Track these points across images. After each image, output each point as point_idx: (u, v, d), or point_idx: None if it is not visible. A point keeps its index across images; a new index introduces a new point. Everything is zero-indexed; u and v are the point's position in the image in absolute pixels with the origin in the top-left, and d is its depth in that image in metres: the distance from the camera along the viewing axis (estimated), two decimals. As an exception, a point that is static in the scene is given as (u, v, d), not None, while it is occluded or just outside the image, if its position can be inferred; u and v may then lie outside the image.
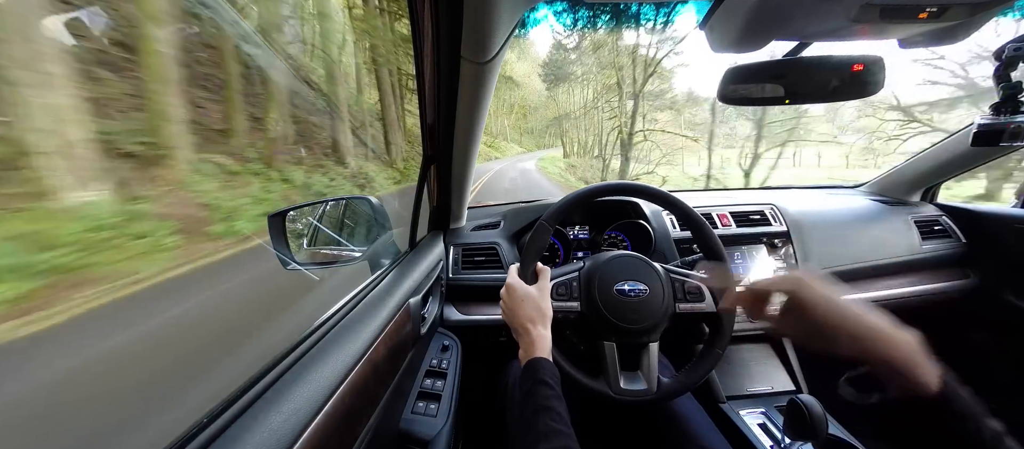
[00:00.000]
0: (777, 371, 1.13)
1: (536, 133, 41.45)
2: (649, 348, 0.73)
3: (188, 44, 6.16)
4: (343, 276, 1.05)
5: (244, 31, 7.23)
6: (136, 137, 4.65)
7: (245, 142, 6.35)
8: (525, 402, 0.56)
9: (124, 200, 4.17)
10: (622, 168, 14.35)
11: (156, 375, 2.38)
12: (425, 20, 0.64)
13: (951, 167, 1.29)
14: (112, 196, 4.08)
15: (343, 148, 9.48)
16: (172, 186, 4.71)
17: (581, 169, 19.15)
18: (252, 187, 5.81)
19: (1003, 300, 1.20)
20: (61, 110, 3.80)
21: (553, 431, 0.51)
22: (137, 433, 1.87)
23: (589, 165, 18.98)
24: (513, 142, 39.35)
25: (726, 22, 0.55)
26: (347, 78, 12.27)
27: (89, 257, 3.51)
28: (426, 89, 0.77)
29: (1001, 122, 0.83)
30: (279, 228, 0.89)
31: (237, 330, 2.84)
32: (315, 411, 0.42)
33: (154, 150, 4.77)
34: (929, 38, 0.58)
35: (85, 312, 3.11)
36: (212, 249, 4.45)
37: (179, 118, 5.00)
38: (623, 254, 0.79)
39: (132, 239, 3.90)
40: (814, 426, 0.61)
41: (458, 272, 1.13)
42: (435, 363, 0.91)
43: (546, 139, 40.69)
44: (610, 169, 15.51)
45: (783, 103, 0.67)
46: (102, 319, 3.08)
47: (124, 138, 4.53)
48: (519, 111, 38.83)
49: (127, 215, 4.03)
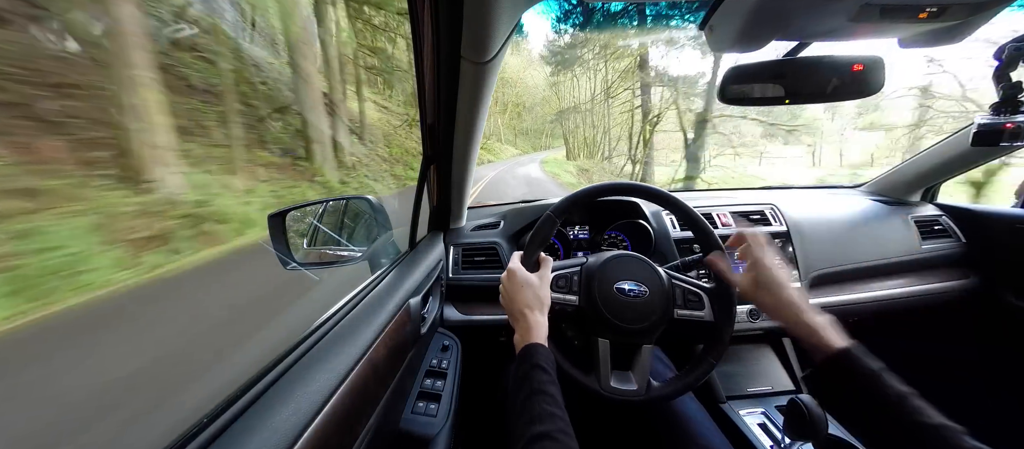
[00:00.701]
0: (777, 371, 1.13)
1: (532, 134, 41.14)
2: (643, 350, 0.73)
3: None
4: (343, 276, 1.05)
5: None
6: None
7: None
8: (520, 386, 0.56)
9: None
10: (642, 173, 12.04)
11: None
12: (425, 20, 0.64)
13: (951, 167, 1.29)
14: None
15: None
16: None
17: (596, 173, 16.75)
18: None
19: (1003, 300, 1.20)
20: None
21: (547, 414, 0.51)
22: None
23: (602, 168, 16.95)
24: (507, 143, 38.38)
25: (726, 22, 0.55)
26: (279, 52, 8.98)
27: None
28: (426, 89, 0.77)
29: (1001, 122, 0.83)
30: (279, 228, 0.89)
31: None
32: (315, 411, 0.42)
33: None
34: (929, 38, 0.58)
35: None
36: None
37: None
38: (627, 254, 0.79)
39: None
40: (814, 426, 0.61)
41: (458, 272, 1.13)
42: (435, 363, 0.91)
43: (543, 140, 40.25)
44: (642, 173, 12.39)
45: (783, 103, 0.68)
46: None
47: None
48: (513, 109, 38.25)
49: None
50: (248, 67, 7.91)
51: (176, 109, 5.27)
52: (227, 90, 6.67)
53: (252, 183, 6.02)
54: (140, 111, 4.52)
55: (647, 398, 0.71)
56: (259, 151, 6.77)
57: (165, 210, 4.44)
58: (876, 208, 1.35)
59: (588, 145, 21.02)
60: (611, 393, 0.71)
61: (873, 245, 1.23)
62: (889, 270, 1.23)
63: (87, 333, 2.92)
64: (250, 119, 7.00)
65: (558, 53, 20.12)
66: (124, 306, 3.36)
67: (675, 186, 6.55)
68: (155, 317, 3.33)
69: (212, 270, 4.24)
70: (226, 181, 5.62)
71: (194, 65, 6.50)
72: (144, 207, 4.27)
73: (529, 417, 0.51)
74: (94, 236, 3.71)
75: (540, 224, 0.78)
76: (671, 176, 11.96)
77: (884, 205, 1.36)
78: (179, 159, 4.94)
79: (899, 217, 1.30)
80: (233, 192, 5.48)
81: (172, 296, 3.64)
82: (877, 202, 1.38)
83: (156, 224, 4.23)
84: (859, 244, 1.22)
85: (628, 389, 0.71)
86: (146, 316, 3.34)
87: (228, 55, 7.11)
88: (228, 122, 6.29)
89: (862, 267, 1.19)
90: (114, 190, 4.21)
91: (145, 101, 4.58)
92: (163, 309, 3.46)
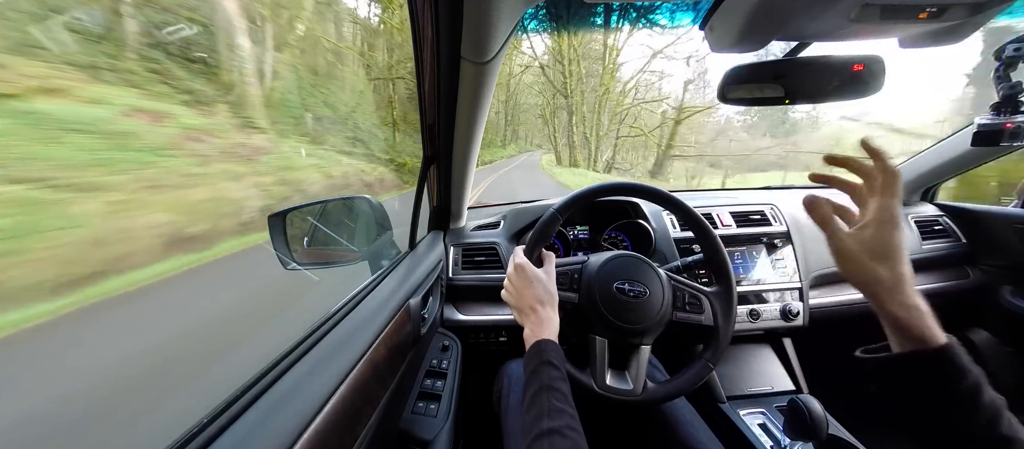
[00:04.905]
0: (777, 371, 1.13)
1: (520, 137, 41.13)
2: (640, 350, 0.73)
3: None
4: (344, 276, 1.05)
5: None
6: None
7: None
8: (530, 381, 0.56)
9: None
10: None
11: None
12: (425, 20, 0.64)
13: (951, 167, 1.29)
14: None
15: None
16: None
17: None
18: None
19: (1003, 300, 1.20)
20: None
21: (556, 410, 0.50)
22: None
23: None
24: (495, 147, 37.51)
25: (726, 22, 0.55)
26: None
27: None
28: (426, 89, 0.77)
29: (1001, 122, 0.83)
30: (279, 228, 0.89)
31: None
32: (315, 411, 0.42)
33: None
34: (929, 38, 0.58)
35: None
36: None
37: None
38: (628, 254, 0.79)
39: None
40: (814, 426, 0.61)
41: (458, 272, 1.13)
42: (435, 363, 0.91)
43: (523, 145, 40.07)
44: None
45: (783, 103, 0.67)
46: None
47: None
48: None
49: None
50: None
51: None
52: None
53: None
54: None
55: (642, 399, 0.71)
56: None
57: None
58: None
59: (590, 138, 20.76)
60: (605, 391, 0.70)
61: None
62: (889, 270, 1.22)
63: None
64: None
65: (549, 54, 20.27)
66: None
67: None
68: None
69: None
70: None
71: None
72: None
73: (539, 412, 0.50)
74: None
75: (544, 220, 0.78)
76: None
77: None
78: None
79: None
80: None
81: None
82: None
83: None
84: None
85: (623, 389, 0.71)
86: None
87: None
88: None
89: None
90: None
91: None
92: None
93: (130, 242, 3.63)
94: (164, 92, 5.24)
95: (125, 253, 3.53)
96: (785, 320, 1.09)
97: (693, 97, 17.47)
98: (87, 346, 2.68)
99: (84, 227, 3.43)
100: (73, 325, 2.83)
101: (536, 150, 41.37)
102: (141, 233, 3.88)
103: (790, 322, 1.09)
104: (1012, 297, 1.18)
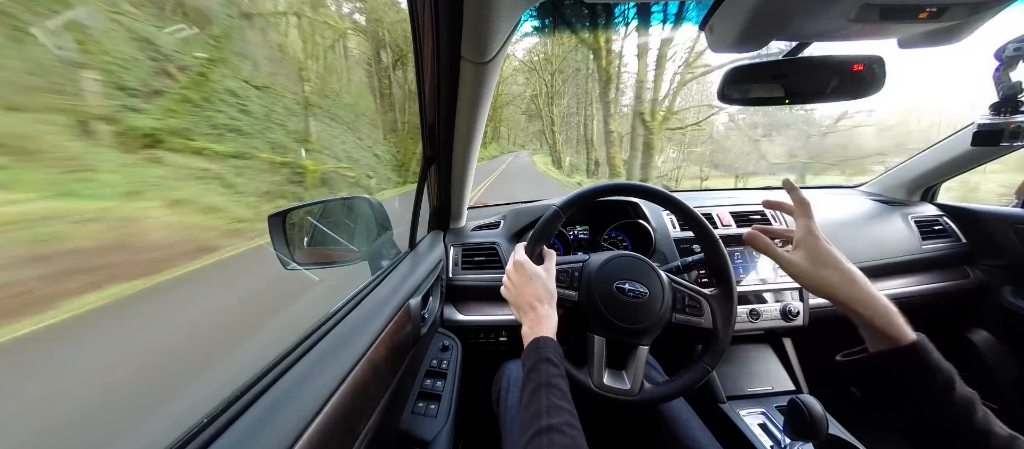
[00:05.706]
0: (777, 371, 1.13)
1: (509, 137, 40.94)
2: (638, 350, 0.72)
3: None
4: (344, 276, 1.05)
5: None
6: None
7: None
8: (528, 377, 0.56)
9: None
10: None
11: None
12: (425, 20, 0.64)
13: (951, 167, 1.29)
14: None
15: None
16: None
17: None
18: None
19: (1003, 300, 1.20)
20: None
21: (555, 407, 0.50)
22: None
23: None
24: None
25: (726, 22, 0.55)
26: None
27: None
28: (426, 89, 0.77)
29: (1001, 122, 0.83)
30: (279, 228, 0.89)
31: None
32: (315, 411, 0.42)
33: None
34: (929, 38, 0.58)
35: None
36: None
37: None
38: (629, 254, 0.79)
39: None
40: (814, 426, 0.61)
41: (458, 272, 1.13)
42: (435, 363, 0.91)
43: (506, 144, 39.73)
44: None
45: (783, 103, 0.67)
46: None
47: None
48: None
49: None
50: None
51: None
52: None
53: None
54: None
55: (639, 399, 0.70)
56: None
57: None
58: (876, 208, 1.35)
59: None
60: (603, 390, 0.70)
61: (873, 245, 1.23)
62: (890, 270, 1.23)
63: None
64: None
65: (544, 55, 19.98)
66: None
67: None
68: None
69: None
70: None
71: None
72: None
73: (537, 409, 0.50)
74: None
75: (546, 218, 0.78)
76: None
77: (884, 205, 1.36)
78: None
79: (899, 217, 1.30)
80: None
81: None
82: (877, 202, 1.38)
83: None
84: (859, 244, 1.22)
85: (620, 388, 0.71)
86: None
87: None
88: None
89: (862, 267, 1.17)
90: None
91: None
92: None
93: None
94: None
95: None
96: (785, 320, 1.09)
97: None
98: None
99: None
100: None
101: (520, 150, 40.98)
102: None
103: (790, 322, 1.09)
104: (1012, 297, 1.18)
